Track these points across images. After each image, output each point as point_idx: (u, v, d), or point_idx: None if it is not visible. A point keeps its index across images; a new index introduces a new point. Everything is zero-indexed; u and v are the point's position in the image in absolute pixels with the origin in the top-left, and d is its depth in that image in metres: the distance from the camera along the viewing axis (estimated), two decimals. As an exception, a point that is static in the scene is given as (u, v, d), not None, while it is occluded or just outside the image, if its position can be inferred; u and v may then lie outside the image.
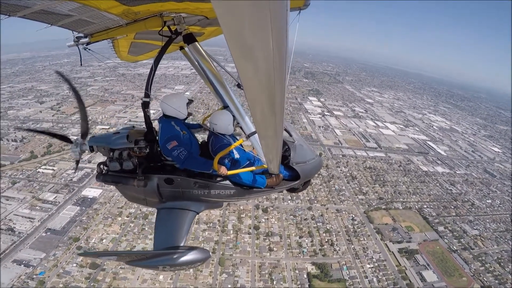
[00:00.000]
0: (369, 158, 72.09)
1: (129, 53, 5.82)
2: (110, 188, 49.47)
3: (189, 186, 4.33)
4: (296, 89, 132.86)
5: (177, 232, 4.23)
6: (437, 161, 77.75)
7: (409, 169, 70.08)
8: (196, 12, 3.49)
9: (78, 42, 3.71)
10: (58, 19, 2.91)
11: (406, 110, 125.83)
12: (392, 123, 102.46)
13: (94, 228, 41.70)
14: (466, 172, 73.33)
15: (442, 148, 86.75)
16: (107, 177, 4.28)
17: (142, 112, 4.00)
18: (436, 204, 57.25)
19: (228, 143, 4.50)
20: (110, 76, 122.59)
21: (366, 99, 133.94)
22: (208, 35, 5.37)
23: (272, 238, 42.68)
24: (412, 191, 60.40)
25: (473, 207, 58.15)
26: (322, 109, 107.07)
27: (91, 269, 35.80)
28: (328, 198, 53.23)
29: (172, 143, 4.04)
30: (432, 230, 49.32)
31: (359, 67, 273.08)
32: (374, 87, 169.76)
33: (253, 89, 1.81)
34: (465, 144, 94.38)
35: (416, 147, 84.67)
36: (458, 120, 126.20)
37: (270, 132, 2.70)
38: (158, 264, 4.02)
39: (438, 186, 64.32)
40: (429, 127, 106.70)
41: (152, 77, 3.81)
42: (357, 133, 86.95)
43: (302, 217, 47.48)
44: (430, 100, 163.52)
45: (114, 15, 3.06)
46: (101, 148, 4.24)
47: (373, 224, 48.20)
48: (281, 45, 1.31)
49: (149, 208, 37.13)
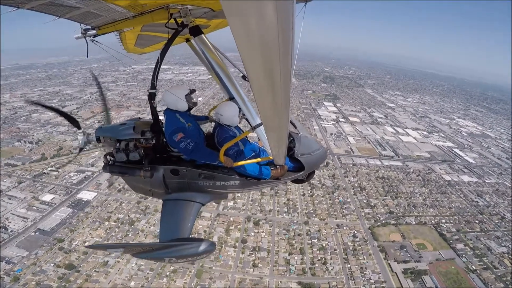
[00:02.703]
0: (383, 167, 66.35)
1: (136, 45, 5.87)
2: (104, 192, 50.06)
3: (195, 177, 4.35)
4: (311, 94, 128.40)
5: (182, 224, 4.20)
6: (464, 169, 70.06)
7: (428, 178, 63.49)
8: (202, 4, 3.51)
9: (86, 34, 3.75)
10: (66, 11, 2.95)
11: (432, 115, 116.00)
12: (414, 129, 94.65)
13: (80, 231, 41.90)
14: (498, 181, 65.13)
15: (471, 156, 78.13)
16: (114, 168, 4.30)
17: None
18: (457, 219, 50.96)
19: (234, 134, 4.61)
20: (131, 81, 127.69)
21: (387, 103, 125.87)
22: (215, 27, 5.36)
23: (258, 253, 39.66)
24: (429, 204, 54.33)
25: (503, 221, 51.02)
26: (337, 115, 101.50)
27: (67, 270, 36.12)
28: (329, 211, 48.98)
29: (179, 135, 4.07)
30: (449, 248, 43.56)
31: (384, 70, 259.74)
32: (398, 90, 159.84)
33: (259, 80, 1.79)
34: (498, 151, 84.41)
35: (440, 155, 76.96)
36: (491, 125, 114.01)
37: (276, 124, 2.73)
38: (165, 256, 4.03)
39: (462, 197, 57.49)
40: (457, 133, 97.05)
41: (158, 69, 3.83)
42: (373, 141, 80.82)
43: (296, 232, 43.91)
44: (460, 104, 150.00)
45: (121, 7, 3.08)
46: (107, 138, 4.32)
47: (378, 241, 43.32)
48: (287, 36, 1.32)
49: (137, 215, 36.94)
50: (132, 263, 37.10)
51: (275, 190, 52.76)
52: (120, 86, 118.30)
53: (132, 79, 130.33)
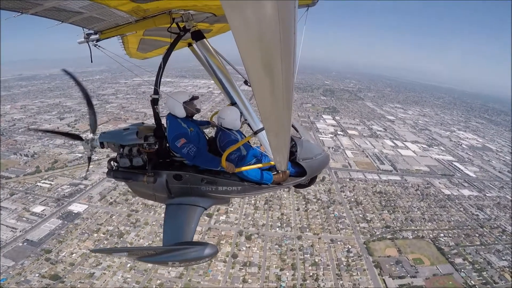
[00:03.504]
0: (381, 181, 65.11)
1: (138, 50, 5.89)
2: (96, 204, 49.62)
3: (197, 182, 4.39)
4: (311, 107, 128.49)
5: (185, 228, 4.23)
6: (464, 183, 68.51)
7: (427, 193, 62.20)
8: (204, 9, 3.52)
9: (88, 39, 3.74)
10: (69, 16, 2.97)
11: (432, 127, 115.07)
12: (414, 143, 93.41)
13: (69, 242, 41.68)
14: (499, 195, 63.60)
15: (472, 169, 76.55)
16: (117, 173, 4.33)
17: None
18: (456, 232, 49.65)
19: (235, 138, 4.62)
20: (131, 94, 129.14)
21: (387, 116, 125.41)
22: (216, 32, 5.41)
23: (249, 269, 38.53)
24: (428, 218, 53.10)
25: (504, 234, 49.66)
26: (336, 128, 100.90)
27: (51, 280, 35.86)
28: (323, 226, 47.82)
29: (181, 140, 4.10)
30: (447, 262, 42.25)
31: (385, 83, 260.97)
32: (398, 103, 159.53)
33: (261, 85, 1.78)
34: (499, 164, 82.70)
35: (439, 169, 75.56)
36: (492, 137, 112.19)
37: (278, 129, 2.71)
38: (168, 260, 4.07)
39: (461, 211, 56.15)
40: (457, 146, 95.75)
41: (161, 74, 3.87)
42: (371, 155, 79.69)
43: (288, 247, 42.82)
44: (460, 116, 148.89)
45: (123, 12, 3.10)
46: (111, 144, 4.34)
47: (373, 256, 42.01)
48: (289, 41, 1.31)
49: (127, 227, 36.53)
50: (118, 275, 36.60)
51: (269, 204, 51.97)
52: (120, 99, 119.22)
53: (133, 92, 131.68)
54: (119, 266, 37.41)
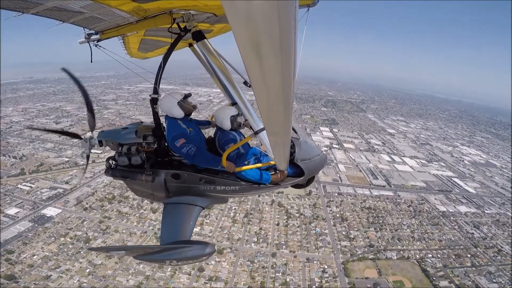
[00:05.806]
0: (372, 197, 62.45)
1: (139, 50, 5.89)
2: (70, 209, 48.80)
3: (196, 182, 4.37)
4: (309, 118, 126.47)
5: (183, 227, 4.20)
6: (462, 199, 65.57)
7: (420, 209, 59.38)
8: (205, 9, 3.48)
9: (89, 39, 3.75)
10: (70, 16, 2.97)
11: (434, 142, 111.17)
12: (413, 158, 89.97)
13: (33, 245, 41.50)
14: (499, 211, 60.64)
15: (472, 185, 73.12)
16: (116, 171, 4.34)
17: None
18: (446, 253, 46.96)
19: (234, 137, 4.64)
20: (131, 100, 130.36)
21: (387, 129, 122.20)
22: (217, 32, 5.36)
23: (215, 284, 36.83)
24: (417, 237, 50.44)
25: (499, 254, 47.00)
26: (332, 141, 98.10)
27: (5, 280, 35.39)
28: (301, 243, 45.55)
29: (180, 140, 4.08)
30: (431, 285, 40.01)
31: (390, 95, 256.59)
32: (401, 115, 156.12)
33: (261, 86, 1.77)
34: (503, 180, 78.85)
35: (437, 184, 72.47)
36: (497, 153, 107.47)
37: (278, 129, 2.71)
38: (166, 258, 4.07)
39: (455, 229, 53.52)
40: (459, 162, 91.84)
41: (161, 74, 3.91)
42: (365, 169, 76.73)
43: (261, 264, 40.76)
44: (465, 130, 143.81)
45: (124, 12, 3.09)
46: (109, 142, 4.32)
47: (349, 277, 39.56)
48: (289, 42, 1.31)
49: (95, 233, 35.56)
50: (74, 279, 36.17)
51: (249, 217, 50.10)
52: (119, 105, 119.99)
53: (133, 98, 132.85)
54: (78, 270, 37.28)
